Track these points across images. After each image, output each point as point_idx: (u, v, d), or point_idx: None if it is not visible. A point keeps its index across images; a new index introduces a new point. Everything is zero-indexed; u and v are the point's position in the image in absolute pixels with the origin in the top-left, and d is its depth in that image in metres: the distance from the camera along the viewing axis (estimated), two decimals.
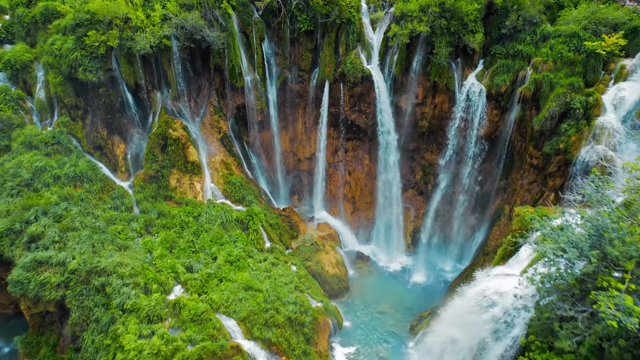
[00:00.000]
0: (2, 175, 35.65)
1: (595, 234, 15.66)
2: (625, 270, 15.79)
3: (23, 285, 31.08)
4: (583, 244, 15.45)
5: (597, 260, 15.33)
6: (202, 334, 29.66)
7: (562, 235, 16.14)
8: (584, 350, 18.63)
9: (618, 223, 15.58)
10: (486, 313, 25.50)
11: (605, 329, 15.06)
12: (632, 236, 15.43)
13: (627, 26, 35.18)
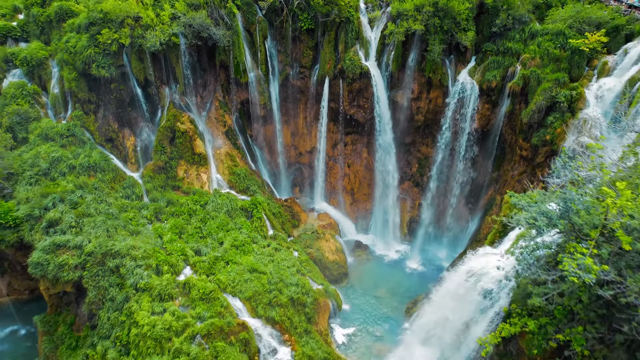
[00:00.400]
0: (22, 165, 37.79)
1: (563, 206, 17.74)
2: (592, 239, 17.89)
3: (43, 267, 33.20)
4: (552, 213, 17.54)
5: (564, 229, 17.41)
6: (210, 311, 31.75)
7: (534, 207, 18.26)
8: (557, 314, 20.76)
9: (583, 196, 17.68)
10: (474, 289, 27.62)
11: (570, 287, 17.15)
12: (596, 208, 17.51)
13: (609, 25, 37.26)
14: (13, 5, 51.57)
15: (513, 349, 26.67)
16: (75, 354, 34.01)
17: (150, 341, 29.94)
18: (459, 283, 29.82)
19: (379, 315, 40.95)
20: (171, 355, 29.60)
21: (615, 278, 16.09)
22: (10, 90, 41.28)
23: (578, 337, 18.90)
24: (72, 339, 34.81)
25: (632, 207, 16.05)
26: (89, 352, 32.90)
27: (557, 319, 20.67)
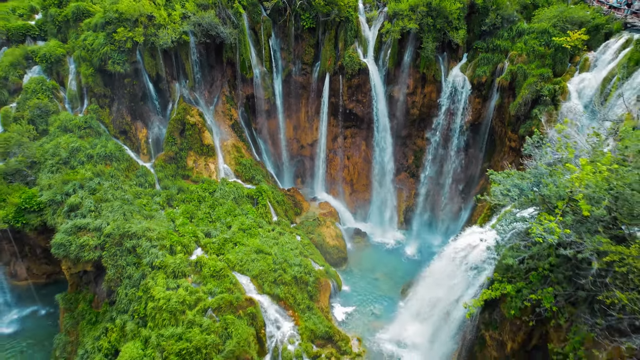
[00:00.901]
0: (43, 155, 40.36)
1: (534, 180, 20.32)
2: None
3: (65, 248, 35.75)
4: (524, 184, 20.11)
5: (535, 198, 20.00)
6: (220, 287, 34.33)
7: (508, 181, 20.84)
8: (532, 278, 23.36)
9: (551, 172, 20.26)
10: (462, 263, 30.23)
11: (539, 249, 19.72)
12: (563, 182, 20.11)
13: (590, 24, 39.77)
14: (30, 6, 54.18)
15: (497, 317, 29.29)
16: (95, 328, 36.60)
17: (166, 314, 32.54)
18: (448, 259, 32.49)
19: (376, 296, 43.54)
20: (185, 326, 32.20)
21: (576, 239, 18.66)
22: (31, 86, 43.80)
23: (548, 296, 21.48)
24: (92, 315, 37.42)
25: (592, 179, 18.63)
26: (108, 325, 35.53)
27: (532, 283, 23.27)
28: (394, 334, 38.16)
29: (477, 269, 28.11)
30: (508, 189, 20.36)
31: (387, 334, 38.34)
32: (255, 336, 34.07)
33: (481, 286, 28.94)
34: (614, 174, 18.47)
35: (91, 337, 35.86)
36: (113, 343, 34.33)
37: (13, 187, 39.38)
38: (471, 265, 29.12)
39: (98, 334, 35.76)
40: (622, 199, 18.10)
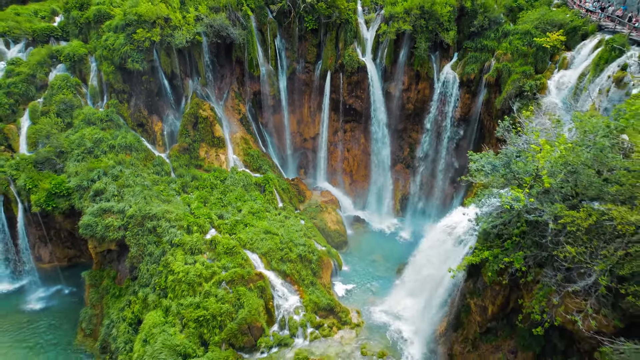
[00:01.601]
0: (70, 145, 43.84)
1: (505, 159, 23.84)
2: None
3: (92, 228, 39.27)
4: (496, 162, 23.65)
5: (505, 173, 23.53)
6: (233, 263, 37.85)
7: (483, 159, 24.35)
8: (507, 245, 26.87)
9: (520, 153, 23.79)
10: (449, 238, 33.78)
11: (508, 216, 23.26)
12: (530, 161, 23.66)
13: (569, 26, 43.16)
14: (51, 9, 57.67)
15: (480, 286, 32.79)
16: (119, 301, 40.13)
17: (185, 285, 36.08)
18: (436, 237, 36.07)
19: (374, 275, 47.06)
20: (202, 296, 35.75)
21: (539, 206, 22.19)
22: (56, 82, 47.25)
23: (518, 258, 24.97)
24: (116, 289, 40.93)
25: (551, 157, 22.17)
26: (131, 298, 39.08)
27: (507, 249, 26.78)
28: (389, 307, 41.64)
29: (462, 242, 31.61)
30: (483, 165, 23.90)
31: (383, 307, 41.81)
32: (264, 307, 37.61)
33: (466, 254, 32.46)
34: (571, 153, 21.99)
35: (116, 309, 39.42)
36: (136, 313, 37.88)
37: (43, 174, 42.91)
38: (457, 240, 32.63)
39: (122, 305, 39.33)
40: (577, 173, 21.63)
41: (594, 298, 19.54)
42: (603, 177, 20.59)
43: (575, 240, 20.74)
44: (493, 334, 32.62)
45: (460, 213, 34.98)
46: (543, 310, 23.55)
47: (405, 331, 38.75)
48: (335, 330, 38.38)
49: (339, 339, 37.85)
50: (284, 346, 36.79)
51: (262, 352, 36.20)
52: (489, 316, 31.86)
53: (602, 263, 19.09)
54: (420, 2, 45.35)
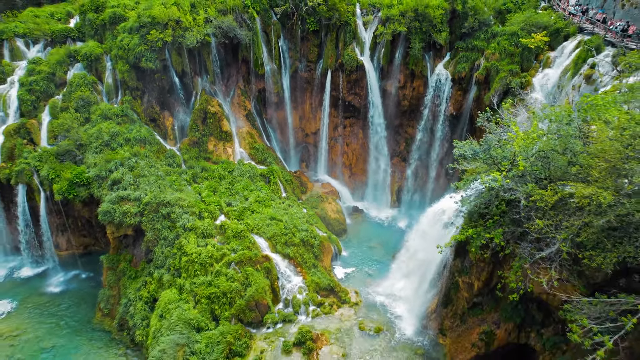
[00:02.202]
0: (89, 138, 46.82)
1: (486, 146, 26.86)
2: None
3: (110, 214, 42.27)
4: (476, 147, 26.65)
5: (485, 158, 26.53)
6: (241, 245, 40.86)
7: (466, 145, 27.37)
8: (489, 224, 29.87)
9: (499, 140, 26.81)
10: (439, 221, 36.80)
11: (488, 195, 26.28)
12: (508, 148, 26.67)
13: (552, 27, 46.16)
14: (67, 11, 60.69)
15: (467, 264, 35.72)
16: (135, 282, 43.12)
17: (197, 265, 39.11)
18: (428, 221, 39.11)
19: (371, 260, 50.04)
20: (213, 275, 38.77)
21: (514, 187, 25.21)
22: (74, 80, 50.19)
23: (498, 234, 27.97)
24: (132, 271, 43.89)
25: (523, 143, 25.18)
26: (147, 278, 42.08)
27: (489, 227, 29.80)
28: (385, 289, 44.62)
29: (451, 224, 34.63)
30: (465, 150, 26.93)
31: (380, 288, 44.80)
32: (270, 287, 40.64)
33: (454, 234, 35.51)
34: (542, 140, 25.00)
35: (133, 289, 42.42)
36: (152, 293, 40.88)
37: (64, 165, 45.88)
38: (446, 223, 35.66)
39: (138, 286, 42.34)
40: (548, 158, 24.65)
41: (557, 263, 22.56)
42: (567, 160, 23.60)
43: (544, 215, 23.76)
44: (479, 308, 35.64)
45: (449, 198, 38.19)
46: (519, 279, 26.61)
47: (400, 309, 41.75)
48: (335, 308, 41.39)
49: (339, 316, 40.87)
50: (288, 322, 39.78)
51: (268, 328, 39.21)
52: (475, 291, 34.89)
53: (565, 233, 22.11)
54: (414, 5, 48.39)
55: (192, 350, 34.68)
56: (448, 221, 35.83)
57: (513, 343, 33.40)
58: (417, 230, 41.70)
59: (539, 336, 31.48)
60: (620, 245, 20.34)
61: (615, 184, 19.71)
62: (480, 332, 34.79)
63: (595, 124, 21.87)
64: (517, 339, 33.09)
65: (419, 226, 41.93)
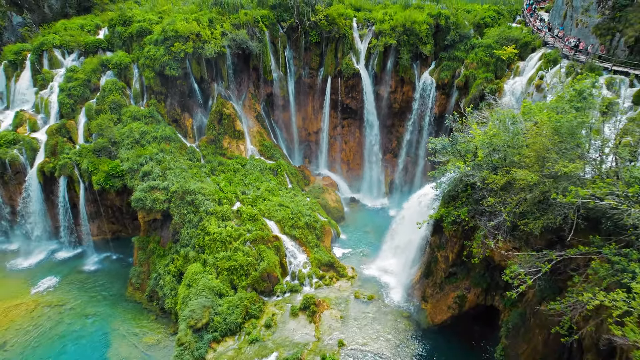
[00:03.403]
0: (121, 136, 53.43)
1: (452, 141, 33.62)
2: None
3: (142, 201, 48.89)
4: (445, 142, 33.40)
5: (452, 151, 33.29)
6: (255, 227, 47.54)
7: (437, 141, 34.12)
8: (458, 205, 36.67)
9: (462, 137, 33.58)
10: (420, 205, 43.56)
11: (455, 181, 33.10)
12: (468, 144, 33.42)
13: (522, 41, 52.83)
14: (95, 23, 67.27)
15: (444, 241, 42.42)
16: (163, 259, 49.78)
17: (219, 243, 45.79)
18: (412, 205, 45.89)
19: (366, 242, 56.74)
20: (232, 251, 45.45)
21: (473, 173, 31.99)
22: (107, 86, 56.86)
23: (464, 212, 34.77)
24: (160, 250, 50.58)
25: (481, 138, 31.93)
26: (174, 256, 48.73)
27: (458, 207, 36.58)
28: (377, 265, 51.30)
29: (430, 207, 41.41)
30: (436, 145, 33.70)
31: (373, 265, 51.50)
32: (279, 262, 47.36)
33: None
34: (496, 136, 31.76)
35: (162, 265, 49.08)
36: (179, 267, 47.53)
37: (101, 160, 52.58)
38: (426, 206, 42.45)
39: (166, 262, 48.99)
40: (498, 150, 31.42)
41: (503, 229, 29.35)
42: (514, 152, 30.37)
43: (495, 194, 30.57)
44: (454, 277, 42.31)
45: (429, 188, 45.00)
46: (479, 247, 33.40)
47: (389, 281, 48.46)
48: (334, 280, 48.14)
49: (337, 287, 47.61)
50: (294, 292, 46.46)
51: (278, 296, 45.93)
52: (450, 262, 41.62)
53: (508, 207, 28.91)
54: (403, 21, 55.15)
55: (215, 311, 41.39)
56: (428, 204, 42.73)
57: (481, 305, 40.16)
58: (404, 214, 48.46)
59: (501, 298, 38.24)
60: (545, 214, 27.11)
61: (540, 168, 26.44)
62: (455, 297, 41.48)
63: (528, 124, 28.60)
64: (484, 301, 39.89)
65: (405, 211, 48.68)
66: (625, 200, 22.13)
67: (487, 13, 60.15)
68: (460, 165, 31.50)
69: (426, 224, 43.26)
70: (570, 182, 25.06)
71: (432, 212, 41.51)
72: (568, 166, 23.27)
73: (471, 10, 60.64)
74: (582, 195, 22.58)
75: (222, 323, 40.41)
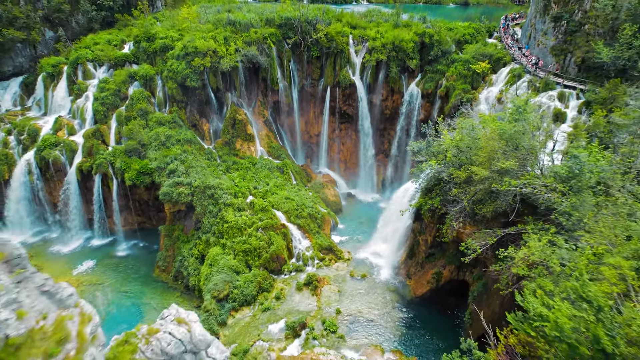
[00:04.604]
0: (149, 139, 61.22)
1: (427, 144, 41.51)
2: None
3: (169, 195, 56.60)
4: (421, 145, 41.31)
5: (427, 153, 41.18)
6: (265, 216, 55.39)
7: (414, 144, 42.03)
8: (434, 196, 44.64)
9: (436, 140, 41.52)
10: (404, 197, 51.49)
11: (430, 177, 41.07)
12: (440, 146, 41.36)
13: (495, 57, 60.77)
14: (121, 39, 75.02)
15: (423, 227, 50.41)
16: (187, 244, 57.61)
17: (235, 230, 53.64)
18: (398, 199, 53.83)
19: (360, 231, 64.59)
20: (247, 236, 53.25)
21: (444, 170, 39.91)
22: (135, 95, 64.65)
23: (437, 201, 42.68)
24: (184, 237, 58.42)
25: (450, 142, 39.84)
26: (196, 241, 56.56)
27: (433, 198, 44.52)
28: (369, 250, 59.12)
29: (412, 199, 49.34)
30: (413, 147, 41.62)
31: (366, 249, 59.31)
32: (286, 246, 55.22)
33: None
34: (461, 140, 39.67)
35: (186, 249, 56.90)
36: (200, 251, 55.35)
37: (132, 160, 60.40)
38: (409, 198, 50.39)
39: (190, 247, 56.84)
40: (463, 151, 39.33)
41: (464, 214, 37.30)
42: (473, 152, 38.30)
43: (459, 186, 38.52)
44: (432, 257, 50.25)
45: (411, 183, 52.93)
46: (448, 229, 41.34)
47: (379, 262, 56.34)
48: (333, 262, 56.05)
49: (335, 267, 55.53)
50: (299, 271, 54.30)
51: (285, 274, 53.81)
52: (429, 245, 49.56)
53: (468, 196, 36.85)
54: (392, 39, 63.06)
55: (234, 285, 49.27)
56: (410, 197, 50.67)
57: (455, 279, 48.04)
58: (391, 206, 56.40)
59: (470, 274, 46.21)
60: (494, 201, 35.04)
61: (490, 165, 34.36)
62: (433, 273, 49.40)
63: (481, 131, 36.53)
64: (457, 277, 47.77)
65: (392, 203, 56.62)
66: (544, 189, 30.08)
67: (466, 31, 68.08)
68: (433, 164, 39.43)
69: (409, 213, 51.43)
70: (510, 176, 33.00)
71: (413, 202, 49.53)
72: (505, 163, 31.19)
73: (453, 28, 68.54)
74: (514, 185, 30.53)
75: (240, 295, 48.25)
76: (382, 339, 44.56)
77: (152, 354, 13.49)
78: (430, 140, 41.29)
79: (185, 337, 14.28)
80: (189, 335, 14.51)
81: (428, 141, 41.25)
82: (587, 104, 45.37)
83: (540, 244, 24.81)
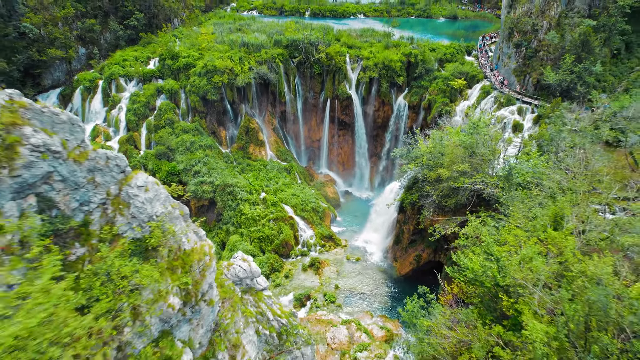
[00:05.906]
0: (176, 144, 71.42)
1: (408, 150, 51.69)
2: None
3: (195, 192, 66.86)
4: (403, 150, 51.46)
5: (408, 157, 51.36)
6: (276, 210, 65.59)
7: (397, 150, 52.18)
8: (414, 192, 54.97)
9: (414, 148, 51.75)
10: (391, 192, 61.72)
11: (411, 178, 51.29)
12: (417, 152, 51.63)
13: (470, 74, 71.00)
14: (147, 55, 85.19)
15: (407, 218, 60.64)
16: (209, 234, 67.67)
17: (251, 221, 63.85)
18: (385, 196, 64.10)
19: (356, 223, 74.79)
20: (260, 226, 63.46)
21: (421, 171, 50.11)
22: (163, 106, 74.78)
23: (415, 197, 52.89)
24: (207, 227, 68.54)
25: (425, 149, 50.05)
26: (218, 231, 66.81)
27: (414, 194, 54.70)
28: (363, 238, 69.41)
29: (397, 195, 59.53)
30: (399, 152, 51.82)
31: (360, 238, 69.58)
32: (293, 235, 65.40)
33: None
34: (434, 147, 49.84)
35: (209, 237, 67.06)
36: (221, 239, 65.55)
37: (162, 162, 70.55)
38: (395, 195, 60.63)
39: (212, 235, 67.01)
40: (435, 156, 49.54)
41: (434, 205, 47.54)
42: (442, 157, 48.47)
43: (431, 184, 48.78)
44: (414, 242, 60.40)
45: (395, 182, 63.19)
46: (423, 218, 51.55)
47: (371, 248, 66.60)
48: (332, 248, 66.28)
49: (334, 252, 65.79)
50: (304, 255, 64.55)
51: (292, 258, 64.03)
52: (411, 232, 59.77)
53: (437, 191, 47.09)
54: (382, 59, 73.26)
55: None
56: (395, 194, 60.91)
57: (432, 261, 58.09)
58: (380, 201, 66.67)
59: (445, 256, 56.36)
60: (456, 196, 45.24)
61: (452, 168, 44.54)
62: (414, 256, 59.53)
63: (448, 141, 46.72)
64: (434, 258, 57.83)
65: (381, 198, 66.87)
66: (490, 186, 40.32)
67: (448, 50, 78.27)
68: (411, 167, 49.67)
69: (394, 207, 61.49)
70: (467, 176, 43.25)
71: (397, 198, 59.77)
72: (461, 166, 41.42)
73: (436, 48, 78.70)
74: (466, 182, 40.78)
75: None
76: (372, 308, 54.80)
77: (230, 275, 23.75)
78: (409, 147, 51.59)
79: (247, 268, 24.48)
80: (250, 267, 24.74)
81: (408, 148, 51.53)
82: (538, 117, 55.66)
83: (475, 223, 34.98)
